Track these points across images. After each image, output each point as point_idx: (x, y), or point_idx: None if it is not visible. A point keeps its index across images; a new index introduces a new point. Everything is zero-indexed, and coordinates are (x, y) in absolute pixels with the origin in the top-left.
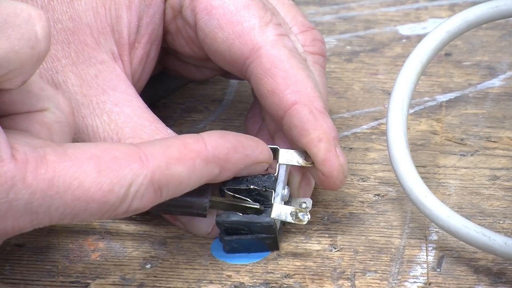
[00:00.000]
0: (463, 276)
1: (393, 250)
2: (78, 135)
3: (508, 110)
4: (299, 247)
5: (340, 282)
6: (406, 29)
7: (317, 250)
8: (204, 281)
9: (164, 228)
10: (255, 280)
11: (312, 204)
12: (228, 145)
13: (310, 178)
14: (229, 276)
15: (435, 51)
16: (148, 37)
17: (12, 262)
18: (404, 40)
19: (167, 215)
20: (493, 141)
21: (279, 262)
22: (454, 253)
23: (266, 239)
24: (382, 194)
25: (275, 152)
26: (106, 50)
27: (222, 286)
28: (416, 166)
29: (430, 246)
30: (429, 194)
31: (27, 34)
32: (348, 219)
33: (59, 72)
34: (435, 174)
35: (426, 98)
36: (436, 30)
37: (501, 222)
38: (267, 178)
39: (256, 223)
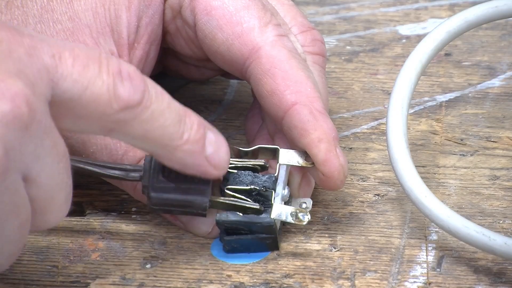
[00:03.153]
0: (463, 276)
1: (393, 250)
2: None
3: (508, 110)
4: (299, 247)
5: (340, 282)
6: (406, 29)
7: (317, 250)
8: (204, 281)
9: (164, 228)
10: (255, 280)
11: (312, 204)
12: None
13: (310, 178)
14: (229, 276)
15: (435, 51)
16: (147, 37)
17: (12, 262)
18: (404, 40)
19: (167, 215)
20: (493, 141)
21: (279, 262)
22: (454, 253)
23: (266, 239)
24: (382, 194)
25: (275, 152)
26: (106, 50)
27: (222, 286)
28: (416, 166)
29: (430, 246)
30: (429, 194)
31: None
32: (348, 219)
33: None
34: (435, 174)
35: (426, 98)
36: (436, 30)
37: (501, 222)
38: (267, 178)
39: (256, 223)
